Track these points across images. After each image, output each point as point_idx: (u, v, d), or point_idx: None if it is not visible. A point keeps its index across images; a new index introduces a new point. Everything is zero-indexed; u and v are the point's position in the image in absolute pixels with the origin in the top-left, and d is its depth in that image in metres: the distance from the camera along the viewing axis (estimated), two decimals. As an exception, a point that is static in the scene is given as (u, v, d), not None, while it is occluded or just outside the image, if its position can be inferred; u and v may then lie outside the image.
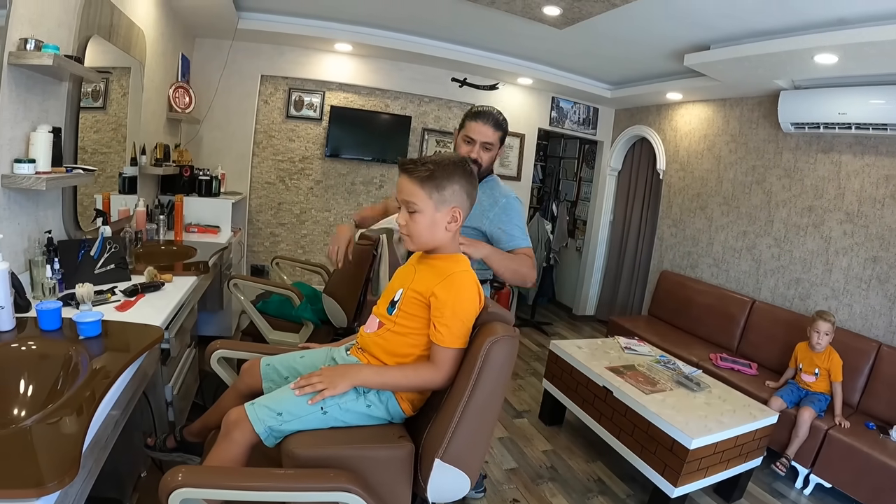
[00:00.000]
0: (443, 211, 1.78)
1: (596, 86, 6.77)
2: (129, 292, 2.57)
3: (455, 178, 1.78)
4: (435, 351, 1.76)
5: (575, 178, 8.63)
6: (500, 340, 1.64)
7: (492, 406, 1.73)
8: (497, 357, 1.65)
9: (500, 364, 1.67)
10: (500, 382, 1.71)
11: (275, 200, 6.22)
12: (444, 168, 1.77)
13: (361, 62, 6.14)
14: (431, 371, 1.75)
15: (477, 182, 1.88)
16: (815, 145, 4.96)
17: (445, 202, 1.77)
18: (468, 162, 1.87)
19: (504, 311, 1.83)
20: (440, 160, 1.79)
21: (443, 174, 1.76)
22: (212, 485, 1.46)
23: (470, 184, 1.83)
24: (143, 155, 4.01)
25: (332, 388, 1.73)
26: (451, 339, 1.73)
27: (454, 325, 1.73)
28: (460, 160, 1.84)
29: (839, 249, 4.74)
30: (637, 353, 4.41)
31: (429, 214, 1.78)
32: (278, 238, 6.33)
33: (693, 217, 6.29)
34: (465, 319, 1.75)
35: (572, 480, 3.70)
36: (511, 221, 2.59)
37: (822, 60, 4.01)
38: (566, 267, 8.67)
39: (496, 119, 2.60)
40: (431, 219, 1.78)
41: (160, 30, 4.27)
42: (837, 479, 3.76)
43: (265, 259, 6.20)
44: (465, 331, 1.76)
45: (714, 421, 3.33)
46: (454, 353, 1.74)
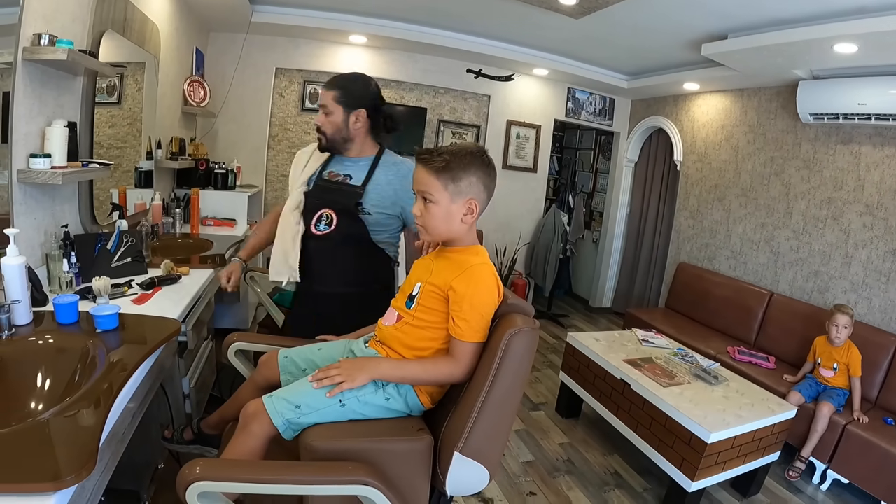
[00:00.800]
0: (458, 202, 1.74)
1: (612, 76, 6.72)
2: (146, 285, 2.59)
3: (472, 168, 1.74)
4: (454, 345, 1.74)
5: (591, 170, 8.58)
6: (520, 332, 1.62)
7: (511, 399, 1.72)
8: (517, 349, 1.62)
9: (520, 356, 1.64)
10: (519, 375, 1.69)
11: (289, 193, 6.21)
12: (460, 158, 1.73)
13: (376, 54, 6.13)
14: (451, 365, 1.73)
15: (495, 174, 1.84)
16: (835, 136, 4.90)
17: (461, 193, 1.74)
18: (486, 153, 1.83)
19: (524, 303, 1.81)
20: (457, 150, 1.76)
21: (459, 165, 1.73)
22: (229, 478, 1.45)
23: (488, 175, 1.79)
24: (159, 149, 4.02)
25: (350, 380, 1.71)
26: (470, 333, 1.70)
27: (473, 318, 1.70)
28: (478, 150, 1.80)
29: (858, 242, 4.69)
30: (654, 346, 4.39)
31: (444, 205, 1.74)
32: (294, 231, 6.31)
33: (710, 208, 6.24)
34: (483, 313, 1.73)
35: (589, 473, 3.69)
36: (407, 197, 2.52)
37: (842, 50, 3.95)
38: (583, 259, 8.65)
39: (333, 78, 2.49)
40: (447, 210, 1.75)
41: (174, 24, 4.28)
42: (855, 474, 3.73)
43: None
44: (485, 324, 1.74)
45: (732, 415, 3.30)
46: (473, 347, 1.72)
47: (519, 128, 6.97)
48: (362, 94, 2.44)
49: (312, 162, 2.58)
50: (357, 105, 2.41)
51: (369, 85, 2.50)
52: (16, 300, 1.85)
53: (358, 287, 2.51)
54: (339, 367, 1.75)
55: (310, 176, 2.53)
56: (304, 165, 2.59)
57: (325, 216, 2.41)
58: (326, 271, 2.48)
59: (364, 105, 2.42)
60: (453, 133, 6.65)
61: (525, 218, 7.35)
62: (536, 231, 7.39)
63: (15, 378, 1.71)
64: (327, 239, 2.42)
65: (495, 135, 6.87)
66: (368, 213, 2.40)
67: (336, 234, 2.41)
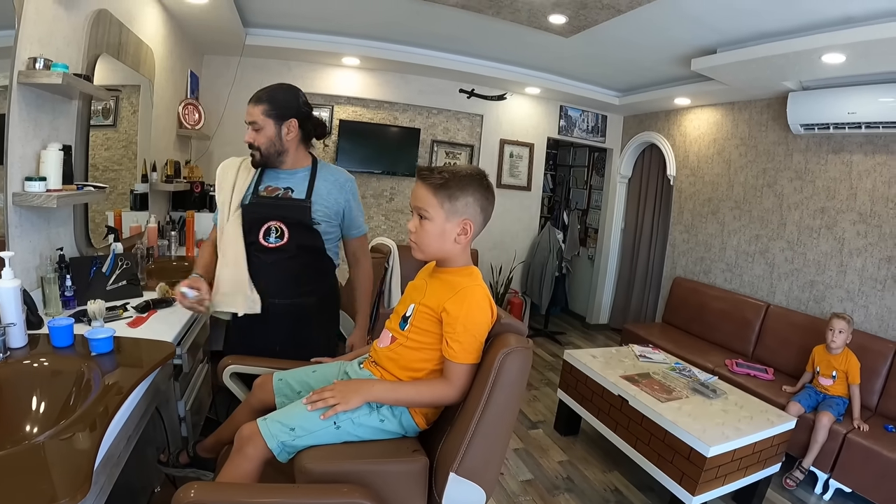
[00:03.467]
0: (453, 221, 1.75)
1: (604, 93, 6.76)
2: (141, 308, 2.58)
3: (470, 190, 1.74)
4: (448, 367, 1.73)
5: (585, 187, 8.63)
6: (513, 352, 1.62)
7: (506, 418, 1.71)
8: (511, 369, 1.62)
9: (514, 376, 1.64)
10: (514, 394, 1.68)
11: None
12: (459, 179, 1.74)
13: (369, 76, 6.17)
14: (445, 387, 1.73)
15: (494, 196, 1.84)
16: (826, 146, 4.94)
17: (457, 213, 1.74)
18: (486, 177, 1.83)
19: (517, 322, 1.81)
20: (457, 171, 1.76)
21: (457, 185, 1.73)
22: (224, 501, 1.46)
23: (486, 198, 1.79)
24: (154, 172, 4.02)
25: (344, 403, 1.71)
26: (463, 354, 1.70)
27: (466, 340, 1.70)
28: (478, 174, 1.80)
29: (853, 250, 4.71)
30: (652, 361, 4.39)
31: (439, 223, 1.75)
32: (289, 252, 6.31)
33: (705, 222, 6.26)
34: (476, 334, 1.72)
35: (589, 491, 3.67)
36: (357, 207, 2.63)
37: (830, 60, 3.99)
38: (579, 276, 8.66)
39: (259, 93, 2.41)
40: (441, 228, 1.75)
41: (168, 47, 4.30)
42: (857, 483, 3.72)
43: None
44: (478, 345, 1.74)
45: (731, 428, 3.30)
46: (467, 369, 1.72)
47: (512, 146, 7.01)
48: (291, 105, 2.41)
49: (242, 177, 2.52)
50: (287, 116, 2.38)
51: (297, 94, 2.47)
52: (11, 323, 1.84)
53: (315, 295, 2.55)
54: (333, 390, 1.75)
55: (244, 193, 2.47)
56: (234, 182, 2.51)
57: (275, 228, 2.40)
58: (281, 283, 2.45)
59: (294, 115, 2.39)
60: (447, 153, 6.68)
61: (520, 236, 7.36)
62: (532, 249, 7.39)
63: (10, 401, 1.70)
64: (281, 251, 2.42)
65: (489, 154, 6.90)
66: (318, 224, 2.43)
67: (290, 245, 2.41)
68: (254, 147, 2.41)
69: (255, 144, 2.40)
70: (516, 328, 1.79)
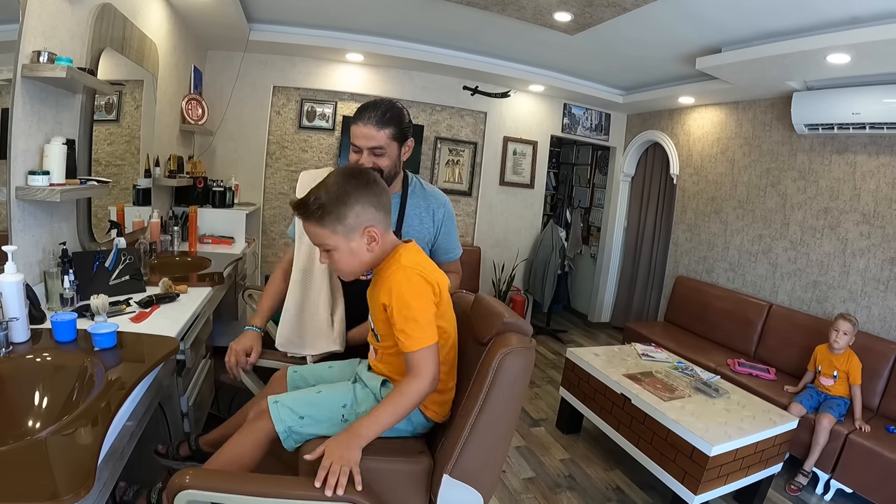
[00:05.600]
0: (356, 238, 1.70)
1: (608, 91, 6.76)
2: (144, 303, 2.57)
3: (351, 199, 1.68)
4: (406, 360, 1.67)
5: (588, 185, 8.61)
6: (512, 352, 1.61)
7: (506, 420, 1.70)
8: (510, 370, 1.62)
9: (514, 377, 1.63)
10: (514, 395, 1.67)
11: (288, 211, 6.18)
12: (335, 197, 1.67)
13: (373, 72, 6.16)
14: (413, 382, 1.63)
15: (382, 185, 1.78)
16: (830, 146, 4.92)
17: (354, 228, 1.69)
18: (362, 171, 1.76)
19: (521, 321, 1.79)
20: (330, 187, 1.68)
21: (336, 204, 1.66)
22: (219, 488, 1.45)
23: (373, 193, 1.72)
24: (157, 167, 4.02)
25: (347, 463, 1.53)
26: (412, 342, 1.63)
27: (408, 327, 1.64)
28: (350, 173, 1.74)
29: (856, 251, 4.69)
30: (654, 360, 4.38)
31: (344, 247, 1.71)
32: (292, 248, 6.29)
33: (708, 221, 6.25)
34: (413, 316, 1.64)
35: (591, 489, 3.67)
36: (450, 232, 2.45)
37: (835, 60, 3.97)
38: (581, 274, 8.65)
39: (380, 114, 2.13)
40: (348, 249, 1.71)
41: (172, 42, 4.29)
42: (858, 483, 3.71)
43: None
44: (423, 326, 1.65)
45: (734, 427, 3.29)
46: (425, 353, 1.64)
47: (515, 144, 6.99)
48: (409, 123, 2.24)
49: None
50: (407, 136, 2.23)
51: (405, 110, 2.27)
52: (13, 317, 1.83)
53: None
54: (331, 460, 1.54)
55: None
56: None
57: None
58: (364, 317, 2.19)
59: (411, 134, 2.25)
60: (450, 150, 6.67)
61: (523, 234, 7.35)
62: (534, 247, 7.38)
63: (12, 396, 1.69)
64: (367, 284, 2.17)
65: (492, 151, 6.89)
66: None
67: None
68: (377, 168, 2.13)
69: (376, 168, 2.12)
70: (519, 327, 1.76)
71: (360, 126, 2.13)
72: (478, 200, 6.92)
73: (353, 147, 2.19)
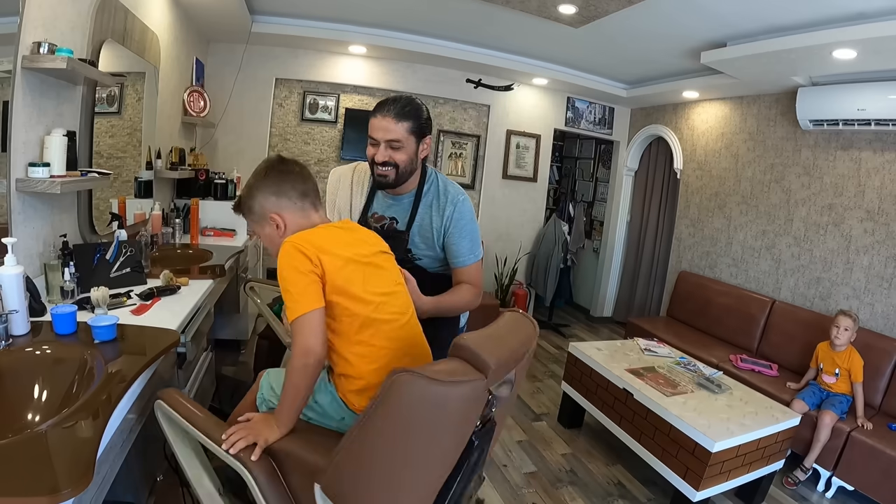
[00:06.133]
0: (265, 225, 1.84)
1: (612, 85, 6.73)
2: (145, 296, 2.57)
3: (253, 191, 1.82)
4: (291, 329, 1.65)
5: (591, 179, 8.59)
6: (401, 380, 1.33)
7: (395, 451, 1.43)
8: (400, 399, 1.35)
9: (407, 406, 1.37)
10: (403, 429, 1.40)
11: (290, 204, 6.20)
12: (244, 192, 1.87)
13: (375, 64, 6.14)
14: (298, 355, 1.58)
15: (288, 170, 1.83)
16: (835, 142, 4.90)
17: (261, 218, 1.83)
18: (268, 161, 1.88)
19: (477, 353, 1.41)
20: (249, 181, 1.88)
21: (245, 198, 1.85)
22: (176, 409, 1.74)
23: (273, 182, 1.80)
24: (159, 159, 4.01)
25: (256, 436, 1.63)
26: (289, 313, 1.60)
27: (286, 299, 1.62)
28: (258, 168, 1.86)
29: (860, 248, 4.67)
30: (657, 355, 4.37)
31: (263, 234, 1.88)
32: (294, 241, 6.29)
33: (711, 217, 6.23)
34: (289, 287, 1.61)
35: (592, 484, 3.66)
36: (460, 234, 2.24)
37: (841, 56, 3.95)
38: (583, 268, 8.64)
39: (399, 107, 2.12)
40: (266, 236, 1.87)
41: (174, 34, 4.28)
42: (860, 481, 3.70)
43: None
44: (297, 295, 1.60)
45: (736, 423, 3.28)
46: (296, 324, 1.58)
47: (519, 137, 6.98)
48: (428, 119, 2.20)
49: (356, 193, 2.38)
50: (426, 132, 2.18)
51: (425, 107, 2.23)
52: (13, 310, 1.83)
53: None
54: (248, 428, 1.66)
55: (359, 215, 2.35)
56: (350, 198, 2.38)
57: None
58: None
59: (430, 131, 2.20)
60: (453, 143, 6.66)
61: (525, 228, 7.34)
62: (537, 241, 7.38)
63: (12, 389, 1.68)
64: None
65: (495, 144, 6.88)
66: (420, 259, 2.30)
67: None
68: (386, 166, 2.14)
69: (390, 164, 2.14)
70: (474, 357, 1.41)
71: (378, 118, 2.13)
72: (481, 194, 6.90)
73: (370, 140, 2.18)
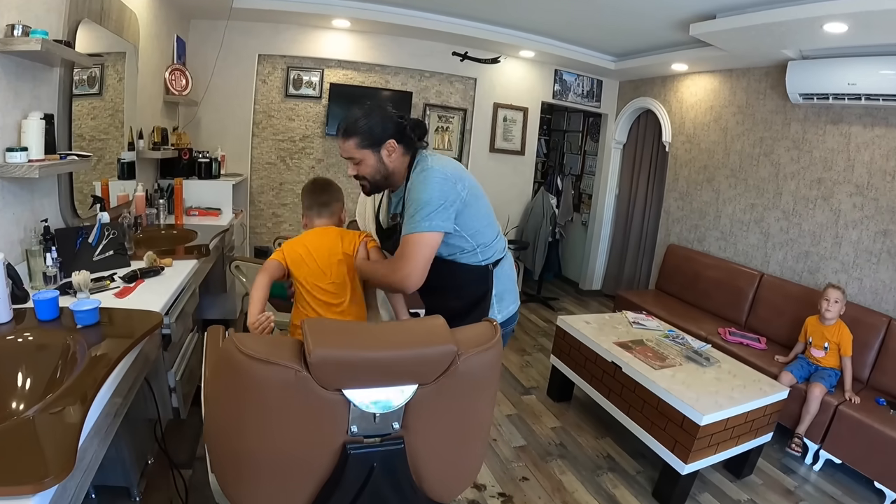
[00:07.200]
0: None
1: (600, 58, 6.67)
2: (129, 278, 2.55)
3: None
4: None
5: (579, 152, 8.56)
6: (226, 343, 1.35)
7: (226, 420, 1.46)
8: (220, 360, 1.40)
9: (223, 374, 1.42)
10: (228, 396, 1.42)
11: (276, 181, 6.18)
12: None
13: (360, 38, 6.06)
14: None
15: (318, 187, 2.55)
16: (824, 116, 4.89)
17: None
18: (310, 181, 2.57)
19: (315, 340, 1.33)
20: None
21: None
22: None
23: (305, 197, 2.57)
24: (141, 139, 3.96)
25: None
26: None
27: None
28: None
29: (849, 222, 4.68)
30: (645, 328, 4.38)
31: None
32: (280, 218, 6.28)
33: (700, 190, 6.23)
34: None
35: (581, 457, 3.69)
36: (408, 202, 2.18)
37: (832, 29, 3.92)
38: (572, 241, 8.64)
39: (343, 127, 2.20)
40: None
41: (153, 12, 4.21)
42: (847, 455, 3.74)
43: (268, 240, 6.16)
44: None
45: (725, 396, 3.30)
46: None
47: (506, 110, 6.93)
48: (381, 128, 2.19)
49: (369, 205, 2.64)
50: (383, 139, 2.19)
51: (384, 111, 2.23)
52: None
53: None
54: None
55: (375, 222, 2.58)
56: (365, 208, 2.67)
57: None
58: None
59: (389, 136, 2.19)
60: (440, 116, 6.61)
61: (514, 202, 7.32)
62: (525, 214, 7.37)
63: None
64: None
65: (482, 118, 6.82)
66: None
67: None
68: (359, 178, 2.29)
69: (359, 178, 2.28)
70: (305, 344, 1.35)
71: (338, 142, 2.26)
72: (468, 167, 6.79)
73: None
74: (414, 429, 1.48)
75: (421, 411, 1.47)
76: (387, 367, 1.40)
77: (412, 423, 1.48)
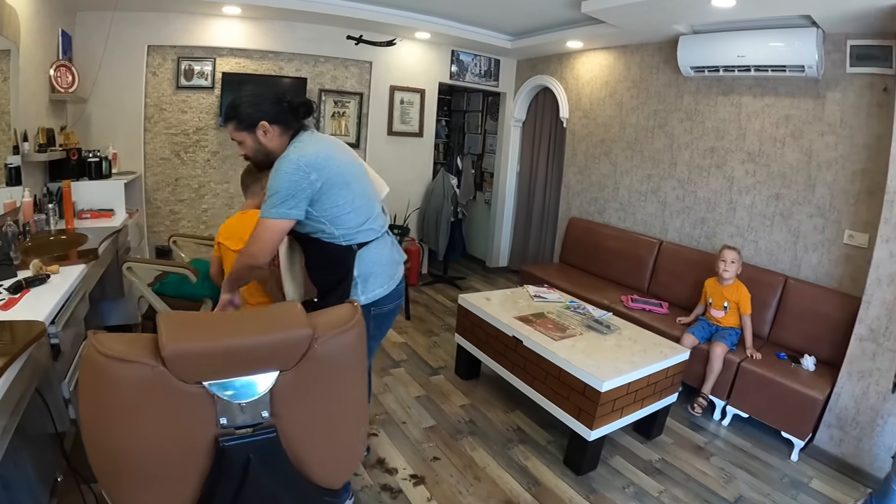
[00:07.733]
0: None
1: (496, 37, 6.73)
2: (14, 289, 2.46)
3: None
4: None
5: (479, 131, 8.65)
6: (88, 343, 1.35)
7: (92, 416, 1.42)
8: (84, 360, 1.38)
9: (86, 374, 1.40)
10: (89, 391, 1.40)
11: (171, 176, 5.98)
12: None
13: (252, 25, 5.91)
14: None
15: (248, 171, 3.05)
16: (716, 88, 5.08)
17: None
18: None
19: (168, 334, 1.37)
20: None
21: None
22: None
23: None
24: (26, 142, 3.78)
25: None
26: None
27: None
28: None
29: (742, 188, 4.90)
30: (547, 301, 4.48)
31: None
32: (179, 215, 6.10)
33: (598, 163, 6.39)
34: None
35: (492, 432, 3.77)
36: (267, 189, 2.34)
37: (720, 4, 4.03)
38: (476, 220, 8.76)
39: (224, 114, 2.57)
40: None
41: (35, 6, 3.99)
42: (754, 408, 3.96)
43: (167, 239, 5.98)
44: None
45: (625, 362, 3.41)
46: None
47: (403, 93, 6.92)
48: (255, 110, 2.38)
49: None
50: (256, 121, 2.37)
51: (259, 95, 2.43)
52: None
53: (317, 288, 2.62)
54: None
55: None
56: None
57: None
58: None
59: (262, 118, 2.37)
60: (335, 102, 6.53)
61: (414, 183, 7.33)
62: (426, 196, 7.39)
63: None
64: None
65: (379, 101, 6.79)
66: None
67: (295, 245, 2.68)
68: (247, 158, 2.52)
69: (246, 156, 2.50)
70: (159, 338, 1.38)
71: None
72: (366, 152, 6.81)
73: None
74: (284, 416, 1.51)
75: (287, 397, 1.50)
76: (243, 355, 1.43)
77: (281, 411, 1.50)
